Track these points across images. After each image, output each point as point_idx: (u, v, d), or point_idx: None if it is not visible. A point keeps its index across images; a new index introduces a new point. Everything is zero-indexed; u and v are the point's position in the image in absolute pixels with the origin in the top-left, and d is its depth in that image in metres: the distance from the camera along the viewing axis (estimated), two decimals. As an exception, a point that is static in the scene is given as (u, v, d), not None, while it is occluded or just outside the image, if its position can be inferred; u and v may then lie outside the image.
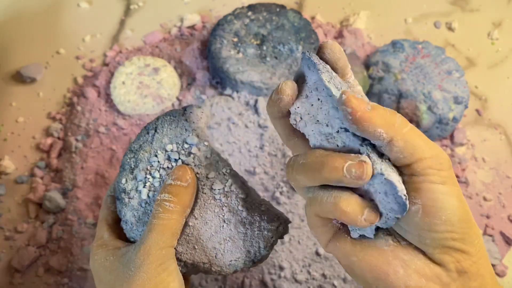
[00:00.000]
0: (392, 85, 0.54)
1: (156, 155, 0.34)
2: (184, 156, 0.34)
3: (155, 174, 0.34)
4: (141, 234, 0.33)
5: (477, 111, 0.57)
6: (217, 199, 0.34)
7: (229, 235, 0.34)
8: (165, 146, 0.35)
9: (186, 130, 0.35)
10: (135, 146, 0.35)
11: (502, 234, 0.51)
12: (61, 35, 0.61)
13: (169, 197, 0.32)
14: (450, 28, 0.62)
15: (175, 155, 0.34)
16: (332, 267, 0.47)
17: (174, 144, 0.34)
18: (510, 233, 0.50)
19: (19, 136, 0.55)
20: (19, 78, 0.58)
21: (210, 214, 0.34)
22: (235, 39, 0.55)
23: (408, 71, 0.54)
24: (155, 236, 0.31)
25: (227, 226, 0.34)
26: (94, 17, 0.62)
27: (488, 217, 0.52)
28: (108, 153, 0.53)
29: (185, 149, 0.34)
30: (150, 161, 0.34)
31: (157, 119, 0.36)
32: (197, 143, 0.34)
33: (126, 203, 0.34)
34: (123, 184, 0.34)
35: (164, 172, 0.34)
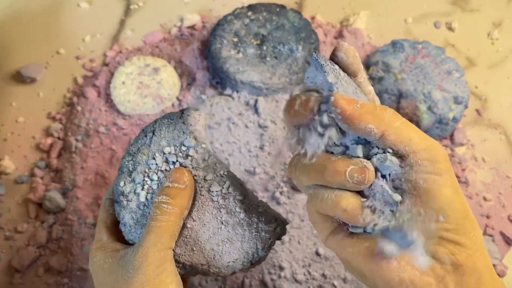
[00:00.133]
0: (392, 85, 0.54)
1: (154, 158, 0.34)
2: (182, 158, 0.34)
3: (153, 177, 0.34)
4: (139, 237, 0.33)
5: (477, 111, 0.57)
6: (215, 201, 0.34)
7: (227, 236, 0.34)
8: (163, 148, 0.35)
9: (183, 133, 0.35)
10: (133, 149, 0.35)
11: (502, 234, 0.51)
12: (61, 35, 0.61)
13: (167, 199, 0.32)
14: (450, 28, 0.62)
15: (173, 157, 0.34)
16: (332, 267, 0.47)
17: (172, 147, 0.35)
18: (510, 233, 0.50)
19: (19, 136, 0.55)
20: (19, 78, 0.58)
21: (208, 216, 0.34)
22: (235, 39, 0.55)
23: (408, 71, 0.54)
24: (153, 238, 0.31)
25: (225, 227, 0.34)
26: (94, 17, 0.62)
27: (488, 217, 0.52)
28: (108, 153, 0.53)
29: (183, 151, 0.34)
30: (148, 164, 0.34)
31: (154, 122, 0.36)
32: (194, 146, 0.34)
33: (124, 206, 0.34)
34: (121, 187, 0.35)
35: (162, 175, 0.34)
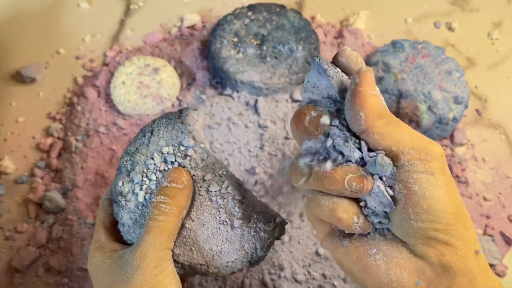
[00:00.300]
0: (392, 85, 0.54)
1: (153, 158, 0.34)
2: (180, 158, 0.34)
3: (152, 177, 0.34)
4: (138, 237, 0.33)
5: (477, 111, 0.57)
6: (214, 201, 0.34)
7: (225, 236, 0.34)
8: (161, 148, 0.35)
9: (182, 133, 0.35)
10: (131, 149, 0.35)
11: (502, 234, 0.51)
12: (61, 35, 0.61)
13: (165, 199, 0.32)
14: (450, 28, 0.62)
15: (171, 157, 0.34)
16: (332, 267, 0.47)
17: (170, 147, 0.35)
18: (510, 233, 0.50)
19: (19, 136, 0.55)
20: (19, 78, 0.58)
21: (206, 216, 0.34)
22: (235, 39, 0.55)
23: (408, 71, 0.54)
24: (151, 238, 0.31)
25: (223, 227, 0.34)
26: (94, 17, 0.62)
27: (488, 217, 0.52)
28: (108, 153, 0.53)
29: (182, 151, 0.34)
30: (146, 164, 0.34)
31: (153, 122, 0.36)
32: (193, 146, 0.34)
33: (123, 206, 0.34)
34: (119, 187, 0.34)
35: (161, 175, 0.34)
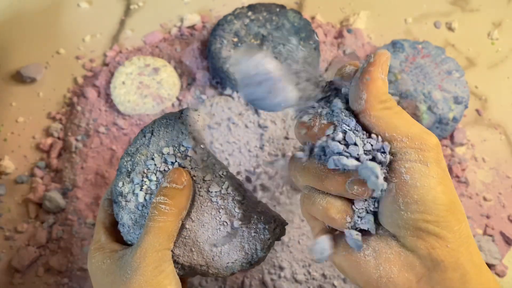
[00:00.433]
0: (392, 85, 0.54)
1: (153, 158, 0.34)
2: (180, 159, 0.34)
3: (152, 177, 0.34)
4: (138, 237, 0.33)
5: (477, 111, 0.57)
6: (214, 201, 0.34)
7: (226, 237, 0.34)
8: (161, 149, 0.34)
9: (182, 133, 0.35)
10: (131, 150, 0.35)
11: (502, 234, 0.51)
12: (61, 35, 0.61)
13: (165, 199, 0.32)
14: (450, 28, 0.62)
15: (171, 158, 0.34)
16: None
17: (170, 147, 0.34)
18: (510, 233, 0.50)
19: (19, 136, 0.55)
20: (19, 78, 0.58)
21: (207, 216, 0.34)
22: (235, 39, 0.55)
23: (408, 71, 0.54)
24: (151, 239, 0.31)
25: (224, 228, 0.34)
26: (94, 17, 0.62)
27: (488, 217, 0.52)
28: (108, 153, 0.53)
29: (182, 152, 0.34)
30: (146, 164, 0.34)
31: (153, 122, 0.36)
32: (193, 146, 0.34)
33: (123, 206, 0.34)
34: (120, 187, 0.34)
35: (161, 175, 0.34)
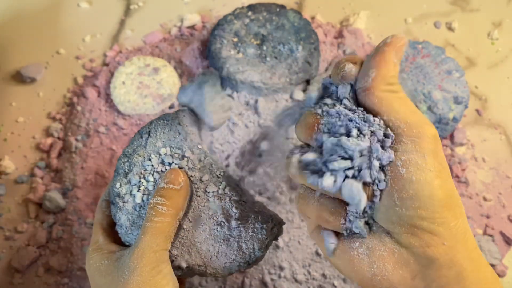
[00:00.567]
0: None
1: (150, 159, 0.34)
2: (177, 159, 0.34)
3: (149, 178, 0.34)
4: (136, 238, 0.33)
5: (477, 111, 0.57)
6: (211, 201, 0.34)
7: (223, 237, 0.34)
8: (158, 149, 0.34)
9: (179, 134, 0.35)
10: (128, 151, 0.35)
11: (502, 234, 0.51)
12: (61, 35, 0.61)
13: (162, 200, 0.32)
14: (450, 28, 0.62)
15: (168, 158, 0.34)
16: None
17: (167, 148, 0.34)
18: (510, 233, 0.50)
19: (19, 136, 0.55)
20: (19, 78, 0.58)
21: (204, 216, 0.34)
22: (235, 39, 0.55)
23: (408, 71, 0.54)
24: (148, 239, 0.31)
25: (221, 228, 0.34)
26: (94, 17, 0.62)
27: (488, 217, 0.52)
28: (108, 153, 0.53)
29: (179, 152, 0.34)
30: (144, 165, 0.34)
31: (150, 123, 0.36)
32: (190, 146, 0.34)
33: (120, 207, 0.34)
34: (117, 188, 0.34)
35: (158, 176, 0.34)
